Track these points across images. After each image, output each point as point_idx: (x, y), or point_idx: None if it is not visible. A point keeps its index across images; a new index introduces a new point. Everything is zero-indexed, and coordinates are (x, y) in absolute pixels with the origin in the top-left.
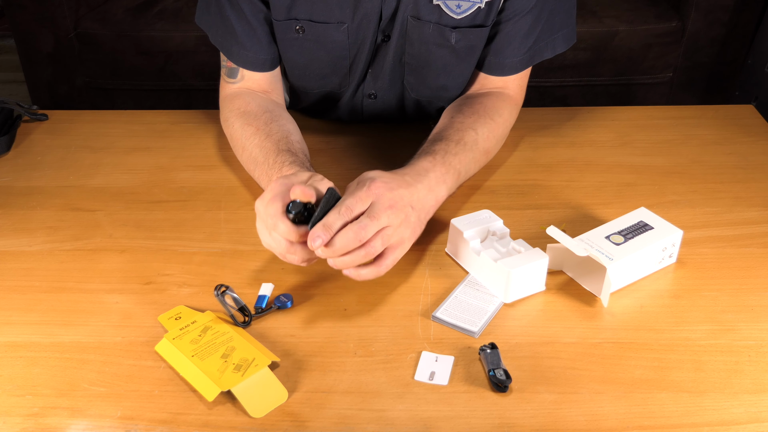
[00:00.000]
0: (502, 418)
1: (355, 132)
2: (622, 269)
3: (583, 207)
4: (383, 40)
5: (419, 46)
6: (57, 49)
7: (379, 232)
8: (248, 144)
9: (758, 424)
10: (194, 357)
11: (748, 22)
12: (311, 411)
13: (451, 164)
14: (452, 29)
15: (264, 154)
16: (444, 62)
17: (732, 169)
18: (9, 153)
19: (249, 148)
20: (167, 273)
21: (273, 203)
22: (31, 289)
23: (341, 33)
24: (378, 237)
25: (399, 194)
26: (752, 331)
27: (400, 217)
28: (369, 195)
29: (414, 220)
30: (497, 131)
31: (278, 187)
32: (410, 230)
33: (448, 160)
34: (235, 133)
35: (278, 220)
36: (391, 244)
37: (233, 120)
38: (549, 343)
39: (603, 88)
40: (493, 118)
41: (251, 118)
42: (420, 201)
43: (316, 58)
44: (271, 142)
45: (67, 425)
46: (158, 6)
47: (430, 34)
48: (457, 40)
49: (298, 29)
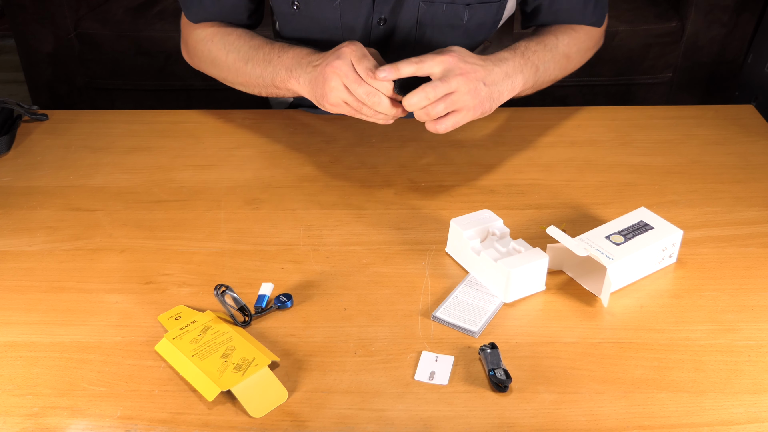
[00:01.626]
0: (502, 418)
1: (355, 131)
2: (622, 269)
3: (583, 207)
4: (379, 22)
5: (431, 31)
6: (57, 49)
7: (446, 96)
8: (233, 49)
9: (758, 424)
10: (194, 357)
11: (748, 22)
12: (311, 411)
13: (530, 59)
14: (465, 6)
15: (255, 48)
16: (455, 44)
17: (732, 169)
18: (9, 153)
19: (235, 51)
20: (167, 273)
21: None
22: (31, 289)
23: (334, 10)
24: (441, 101)
25: (473, 67)
26: (752, 331)
27: (469, 86)
28: (444, 59)
29: (484, 95)
30: (579, 40)
31: (358, 50)
32: (477, 101)
33: (527, 55)
34: (214, 46)
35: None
36: (455, 109)
37: (208, 40)
38: (549, 343)
39: (603, 88)
40: (574, 29)
41: (228, 31)
42: (494, 81)
43: (312, 37)
44: (258, 40)
45: (67, 425)
46: (158, 6)
47: (444, 15)
48: (469, 18)
49: (295, 5)
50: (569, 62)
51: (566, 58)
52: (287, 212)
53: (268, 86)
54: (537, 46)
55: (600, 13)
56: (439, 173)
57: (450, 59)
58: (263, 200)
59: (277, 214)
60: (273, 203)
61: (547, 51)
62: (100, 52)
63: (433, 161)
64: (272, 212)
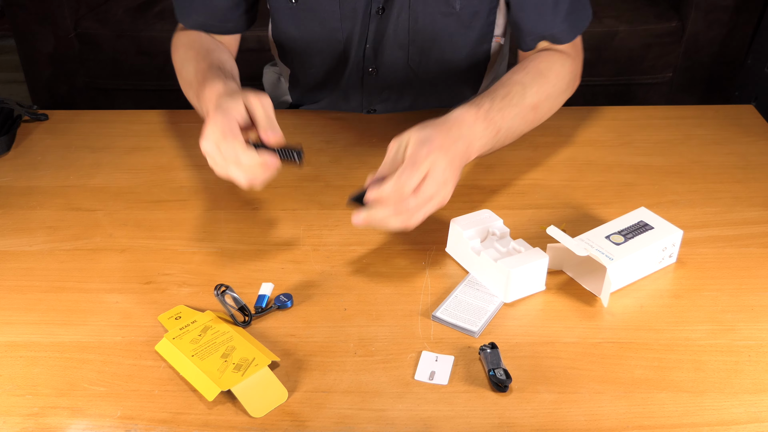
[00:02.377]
0: (502, 418)
1: (356, 131)
2: (622, 269)
3: (583, 207)
4: (378, 11)
5: (424, 18)
6: (57, 49)
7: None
8: (185, 65)
9: (758, 424)
10: (194, 357)
11: (748, 22)
12: (311, 411)
13: (493, 120)
14: None
15: (195, 73)
16: (449, 32)
17: (732, 169)
18: (9, 153)
19: (186, 70)
20: (167, 273)
21: (228, 141)
22: (31, 289)
23: (332, 2)
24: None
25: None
26: (752, 331)
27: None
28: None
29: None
30: (549, 85)
31: (222, 122)
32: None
33: (491, 116)
34: (177, 59)
35: (242, 154)
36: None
37: (179, 46)
38: (549, 343)
39: (603, 88)
40: (543, 74)
41: (194, 45)
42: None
43: (310, 30)
44: (205, 63)
45: (67, 425)
46: (158, 6)
47: (435, 3)
48: (462, 7)
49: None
50: (536, 113)
51: (533, 110)
52: (287, 212)
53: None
54: (502, 102)
55: (570, 27)
56: None
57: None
58: (263, 200)
59: (277, 214)
60: (273, 203)
61: (512, 107)
62: (100, 52)
63: None
64: (272, 212)
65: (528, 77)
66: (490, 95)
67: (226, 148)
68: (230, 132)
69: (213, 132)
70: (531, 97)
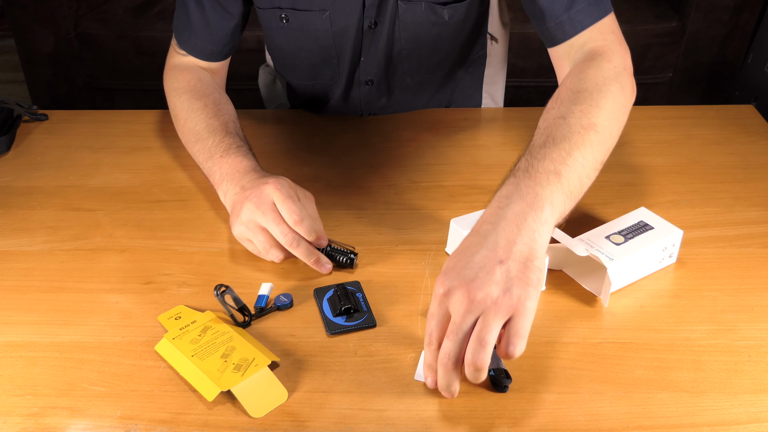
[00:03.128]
0: (502, 418)
1: (355, 131)
2: (622, 269)
3: (583, 207)
4: (370, 26)
5: (413, 28)
6: (57, 49)
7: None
8: (193, 117)
9: (758, 424)
10: (194, 357)
11: (748, 22)
12: (311, 411)
13: (538, 171)
14: (443, 6)
15: (209, 131)
16: (440, 39)
17: (732, 169)
18: (9, 153)
19: (193, 121)
20: (167, 273)
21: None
22: (31, 289)
23: (324, 20)
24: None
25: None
26: (752, 331)
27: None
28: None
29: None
30: (591, 103)
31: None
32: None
33: (532, 171)
34: (181, 105)
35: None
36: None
37: (181, 92)
38: (549, 343)
39: None
40: (578, 91)
41: (200, 94)
42: (505, 246)
43: (303, 47)
44: (218, 122)
45: (67, 425)
46: (158, 6)
47: (423, 13)
48: (451, 16)
49: (283, 17)
50: (597, 132)
51: (592, 130)
52: None
53: (206, 174)
54: (543, 150)
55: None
56: (439, 173)
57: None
58: None
59: None
60: None
61: (557, 143)
62: (100, 52)
63: (433, 161)
64: None
65: (563, 107)
66: (527, 150)
67: (280, 232)
68: (280, 219)
69: (256, 216)
70: (578, 120)
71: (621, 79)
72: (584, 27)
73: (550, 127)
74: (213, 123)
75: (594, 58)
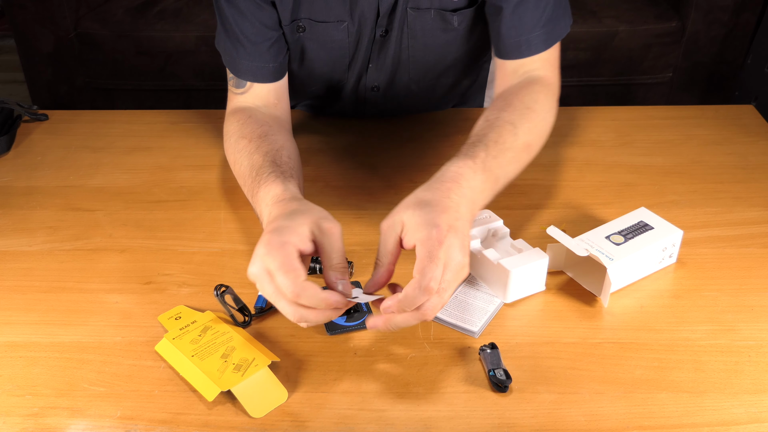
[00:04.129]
0: (502, 418)
1: (355, 131)
2: (622, 269)
3: (583, 207)
4: (381, 35)
5: (422, 35)
6: (57, 49)
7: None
8: (239, 158)
9: (758, 424)
10: (194, 357)
11: (748, 22)
12: (311, 411)
13: (491, 170)
14: (453, 12)
15: (250, 168)
16: (448, 46)
17: (732, 169)
18: (9, 153)
19: (239, 162)
20: (167, 273)
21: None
22: (31, 289)
23: (341, 31)
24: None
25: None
26: (752, 331)
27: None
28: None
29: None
30: (538, 122)
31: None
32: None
33: (488, 165)
34: (230, 148)
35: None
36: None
37: (231, 134)
38: (549, 343)
39: (603, 88)
40: (530, 107)
41: (247, 131)
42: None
43: (317, 57)
44: (259, 155)
45: (67, 425)
46: (158, 6)
47: (432, 20)
48: (460, 22)
49: (300, 27)
50: (529, 153)
51: (527, 150)
52: None
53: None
54: (496, 148)
55: (547, 34)
56: None
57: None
58: None
59: None
60: None
61: (506, 151)
62: (100, 52)
63: (433, 161)
64: None
65: (516, 114)
66: (482, 142)
67: (284, 283)
68: (289, 266)
69: (265, 261)
70: (523, 137)
71: (555, 110)
72: (538, 51)
73: (503, 129)
74: (255, 158)
75: (543, 85)
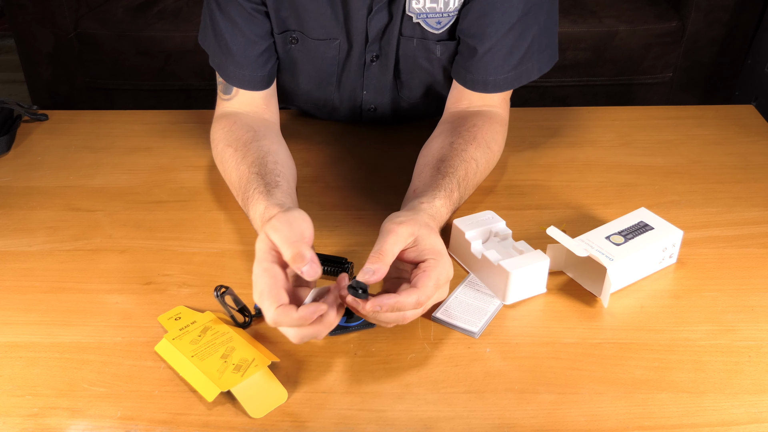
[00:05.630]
0: (502, 418)
1: (355, 132)
2: (622, 269)
3: (583, 207)
4: (372, 60)
5: (411, 61)
6: (57, 49)
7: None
8: (226, 168)
9: (758, 424)
10: (194, 357)
11: (748, 22)
12: (311, 411)
13: (454, 203)
14: (436, 42)
15: (238, 180)
16: (434, 73)
17: (732, 169)
18: (9, 153)
19: (227, 172)
20: (167, 273)
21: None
22: (31, 289)
23: (332, 49)
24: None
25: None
26: (752, 331)
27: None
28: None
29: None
30: (492, 161)
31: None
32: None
33: (453, 201)
34: (217, 156)
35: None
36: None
37: (217, 141)
38: (549, 344)
39: (603, 88)
40: (490, 147)
41: (232, 138)
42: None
43: (304, 70)
44: (245, 166)
45: (67, 425)
46: (158, 6)
47: (415, 47)
48: (442, 52)
49: (291, 40)
50: (476, 187)
51: (476, 186)
52: None
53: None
54: (463, 186)
55: (514, 78)
56: None
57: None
58: None
59: None
60: None
61: (468, 188)
62: (100, 52)
63: None
64: None
65: (480, 152)
66: (455, 177)
67: (266, 313)
68: (267, 294)
69: (256, 287)
70: (480, 175)
71: (501, 152)
72: (500, 91)
73: (469, 166)
74: (241, 169)
75: (501, 125)
